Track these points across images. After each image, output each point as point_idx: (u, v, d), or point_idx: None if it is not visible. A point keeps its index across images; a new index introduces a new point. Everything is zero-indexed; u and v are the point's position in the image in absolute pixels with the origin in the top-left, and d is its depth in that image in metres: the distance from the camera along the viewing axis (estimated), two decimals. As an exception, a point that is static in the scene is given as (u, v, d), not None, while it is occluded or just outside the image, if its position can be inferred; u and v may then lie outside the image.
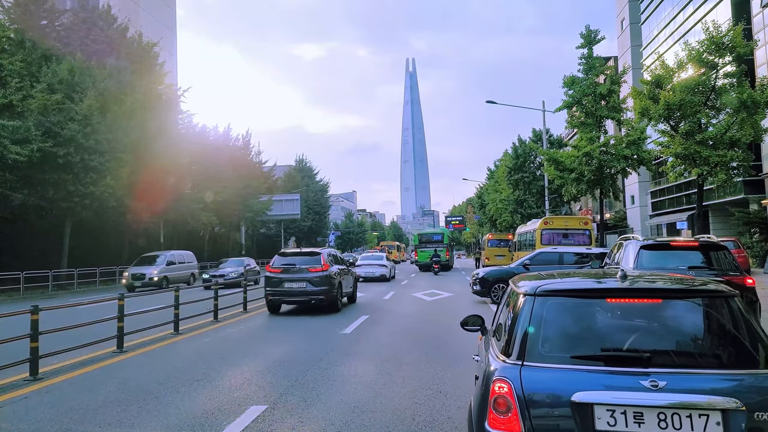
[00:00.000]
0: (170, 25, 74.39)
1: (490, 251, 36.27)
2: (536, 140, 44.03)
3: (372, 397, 5.91)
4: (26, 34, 27.71)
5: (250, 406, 5.62)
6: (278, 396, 6.01)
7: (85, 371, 7.48)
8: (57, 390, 6.49)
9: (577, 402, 2.60)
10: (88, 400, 5.97)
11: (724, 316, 2.92)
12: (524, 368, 2.77)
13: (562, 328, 2.99)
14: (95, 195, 26.50)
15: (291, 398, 5.92)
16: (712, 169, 15.68)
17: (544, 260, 15.30)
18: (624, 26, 48.73)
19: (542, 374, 2.75)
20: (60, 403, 5.90)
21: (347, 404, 5.66)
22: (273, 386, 6.47)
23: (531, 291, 3.10)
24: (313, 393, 6.11)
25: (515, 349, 2.88)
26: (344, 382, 6.64)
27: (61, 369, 7.57)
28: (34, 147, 22.97)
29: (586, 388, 2.62)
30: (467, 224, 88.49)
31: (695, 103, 15.33)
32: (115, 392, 6.30)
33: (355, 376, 6.89)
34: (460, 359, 7.81)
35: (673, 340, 2.95)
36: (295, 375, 6.97)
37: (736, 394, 2.53)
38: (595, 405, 2.59)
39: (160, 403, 5.82)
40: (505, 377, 2.76)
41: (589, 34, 24.87)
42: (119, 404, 5.81)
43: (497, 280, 15.33)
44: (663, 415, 2.54)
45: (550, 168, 26.69)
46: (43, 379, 6.98)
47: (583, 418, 2.60)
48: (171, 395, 6.13)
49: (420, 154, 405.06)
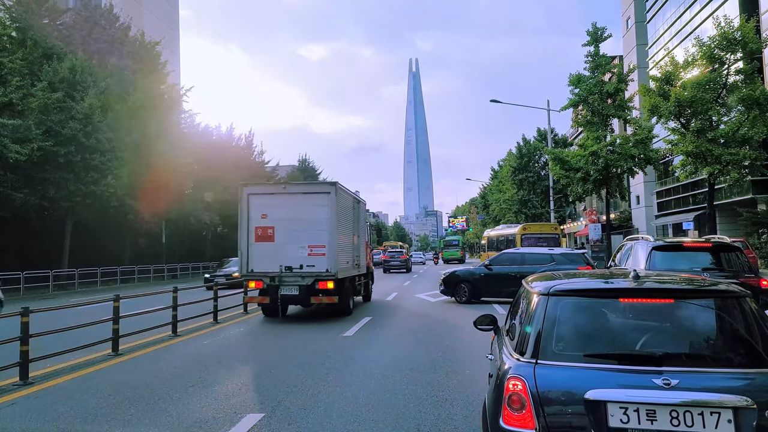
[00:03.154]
0: (173, 24, 74.32)
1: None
2: (541, 139, 43.73)
3: (374, 405, 5.63)
4: (28, 33, 27.54)
5: (246, 414, 5.35)
6: (276, 403, 5.73)
7: (77, 375, 7.21)
8: (46, 396, 6.23)
9: (591, 399, 2.64)
10: (77, 408, 5.70)
11: (736, 316, 2.96)
12: (538, 366, 2.81)
13: (576, 327, 3.03)
14: (96, 194, 26.33)
15: (289, 405, 5.64)
16: (724, 168, 15.31)
17: (506, 260, 15.85)
18: (629, 25, 48.32)
19: (556, 372, 2.79)
20: (47, 411, 5.63)
21: (348, 412, 5.37)
22: (271, 392, 6.19)
23: (545, 291, 3.13)
24: (313, 400, 5.83)
25: (529, 348, 2.92)
26: (345, 388, 6.35)
27: (53, 373, 7.31)
28: (35, 146, 22.80)
29: (599, 386, 2.66)
30: (470, 224, 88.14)
31: (706, 100, 14.95)
32: (106, 399, 6.03)
33: (357, 382, 6.61)
34: (466, 363, 7.53)
35: (685, 340, 2.99)
36: (294, 380, 6.69)
37: (748, 392, 2.56)
38: (608, 402, 2.63)
39: (152, 411, 5.55)
40: (519, 375, 2.79)
41: (596, 31, 24.50)
42: (108, 412, 5.54)
43: (461, 281, 15.94)
44: (675, 413, 2.58)
45: (555, 167, 26.35)
46: (33, 384, 6.72)
47: (597, 415, 2.63)
48: (164, 402, 5.85)
49: (423, 155, 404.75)
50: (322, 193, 12.46)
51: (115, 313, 8.78)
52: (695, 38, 16.04)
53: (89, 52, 33.02)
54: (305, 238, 12.09)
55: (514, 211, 45.71)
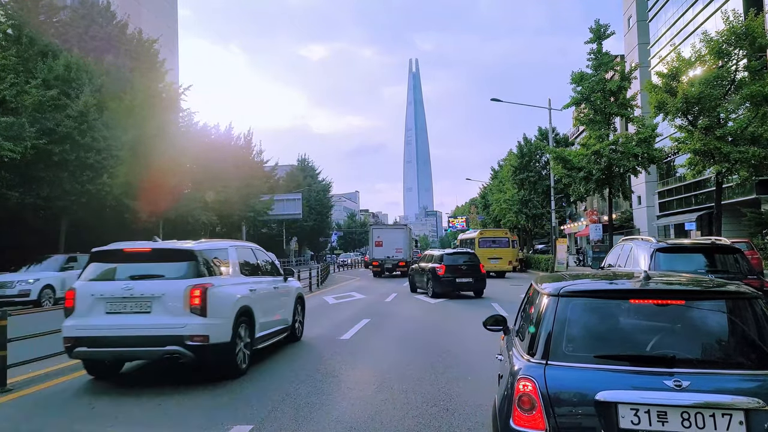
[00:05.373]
0: (172, 23, 73.96)
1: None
2: (542, 139, 43.35)
3: (371, 416, 5.27)
4: (23, 30, 27.14)
5: (233, 426, 4.99)
6: (266, 413, 5.37)
7: (56, 383, 6.85)
8: (18, 405, 5.87)
9: (601, 401, 2.62)
10: (53, 420, 5.35)
11: (747, 317, 2.94)
12: (548, 367, 2.80)
13: (586, 329, 3.01)
14: (92, 193, 25.93)
15: (280, 416, 5.28)
16: (733, 166, 14.93)
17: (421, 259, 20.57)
18: (631, 24, 47.98)
19: (566, 373, 2.78)
20: (26, 420, 5.28)
21: (343, 424, 5.01)
22: (261, 401, 5.83)
23: (555, 292, 3.11)
24: (306, 410, 5.47)
25: (539, 349, 2.91)
26: (341, 397, 5.99)
27: (31, 380, 6.94)
28: (28, 144, 22.39)
29: (609, 387, 2.64)
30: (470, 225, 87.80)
31: (715, 97, 14.58)
32: (85, 408, 5.67)
33: (353, 390, 6.25)
34: (468, 370, 7.17)
35: (696, 341, 2.96)
36: (287, 388, 6.33)
37: (760, 394, 2.54)
38: (619, 404, 2.61)
39: (131, 423, 5.19)
40: (529, 376, 2.79)
41: (599, 28, 24.13)
42: (90, 422, 5.19)
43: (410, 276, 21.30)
44: (686, 415, 2.56)
45: (557, 166, 25.98)
46: (12, 391, 6.36)
47: (607, 416, 2.62)
48: (144, 412, 5.49)
49: (423, 155, 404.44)
50: (401, 228, 33.91)
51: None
52: (703, 33, 15.62)
53: (85, 49, 32.65)
54: (394, 245, 31.25)
55: (515, 211, 45.21)
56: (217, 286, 6.62)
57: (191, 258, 6.62)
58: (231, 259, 7.44)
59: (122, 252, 6.78)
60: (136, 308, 6.31)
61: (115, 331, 6.25)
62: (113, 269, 6.71)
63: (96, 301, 6.37)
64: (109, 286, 6.46)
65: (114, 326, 6.25)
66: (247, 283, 7.54)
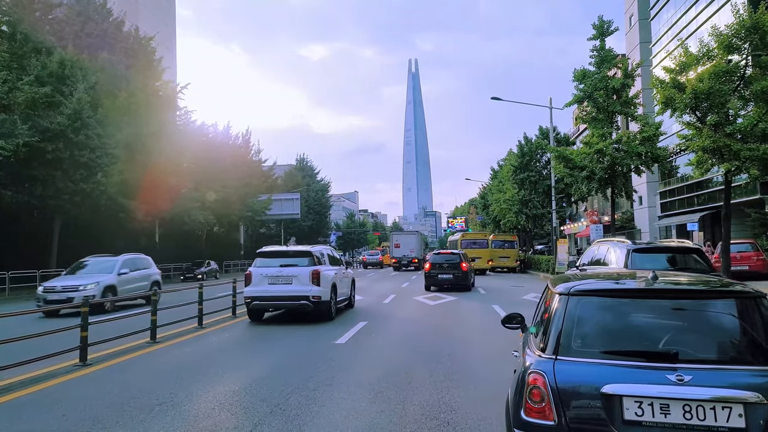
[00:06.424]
0: (169, 21, 73.56)
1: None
2: (543, 138, 42.94)
3: (366, 429, 4.88)
4: (18, 27, 26.72)
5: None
6: (253, 426, 4.98)
7: (37, 390, 6.46)
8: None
9: (607, 393, 2.74)
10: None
11: (750, 316, 3.01)
12: (558, 362, 2.93)
13: (595, 326, 3.12)
14: (86, 192, 25.53)
15: (268, 430, 4.88)
16: (743, 164, 14.52)
17: None
18: (632, 22, 47.58)
19: (574, 368, 2.89)
20: None
21: (335, 439, 4.63)
22: (249, 413, 5.43)
23: (565, 291, 3.24)
24: (296, 422, 5.07)
25: (550, 345, 3.03)
26: (334, 407, 5.58)
27: (11, 386, 6.55)
28: (20, 141, 21.98)
29: (615, 380, 2.76)
30: (469, 225, 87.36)
31: (724, 92, 14.16)
32: (59, 421, 5.27)
33: (347, 400, 5.84)
34: (471, 377, 6.77)
35: (699, 338, 3.04)
36: (277, 398, 5.93)
37: (759, 388, 2.63)
38: (623, 396, 2.73)
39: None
40: (540, 370, 2.92)
41: (602, 25, 23.68)
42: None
43: None
44: (688, 407, 2.67)
45: (559, 166, 25.52)
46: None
47: (612, 408, 2.74)
48: (125, 425, 5.09)
49: (422, 155, 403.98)
50: (414, 234, 46.41)
51: (84, 320, 7.98)
52: (712, 26, 15.16)
53: (81, 46, 32.25)
54: (409, 247, 43.05)
55: (515, 211, 44.74)
56: (323, 270, 12.04)
57: (310, 255, 12.21)
58: (325, 256, 13.15)
59: (275, 251, 12.85)
60: (284, 281, 11.75)
61: (274, 293, 11.72)
62: (271, 261, 12.20)
63: (263, 277, 11.82)
64: (269, 270, 11.90)
65: (273, 291, 11.72)
66: (333, 269, 13.02)
